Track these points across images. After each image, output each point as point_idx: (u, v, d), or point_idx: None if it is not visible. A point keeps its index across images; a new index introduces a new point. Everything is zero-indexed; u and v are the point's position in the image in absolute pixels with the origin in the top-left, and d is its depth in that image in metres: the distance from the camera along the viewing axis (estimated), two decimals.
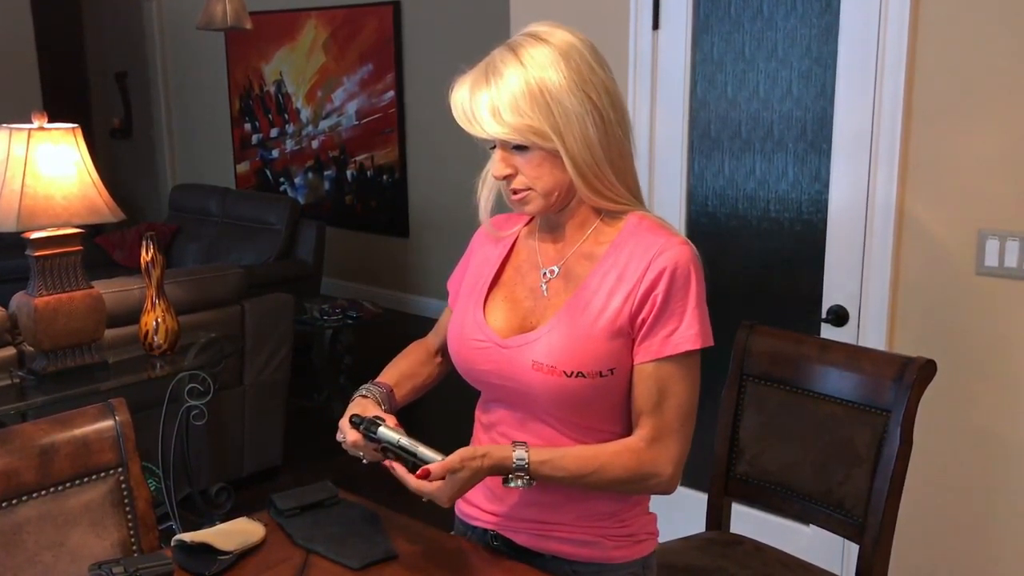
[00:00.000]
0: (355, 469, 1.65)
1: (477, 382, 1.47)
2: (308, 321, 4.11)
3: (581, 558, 1.44)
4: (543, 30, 1.33)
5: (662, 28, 2.70)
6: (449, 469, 1.28)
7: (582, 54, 1.31)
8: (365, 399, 1.48)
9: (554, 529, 1.44)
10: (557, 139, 1.29)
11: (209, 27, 4.38)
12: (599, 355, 1.33)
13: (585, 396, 1.34)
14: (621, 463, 1.35)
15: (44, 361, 2.69)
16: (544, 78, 1.28)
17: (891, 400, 1.83)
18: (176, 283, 3.28)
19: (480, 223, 1.54)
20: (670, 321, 1.32)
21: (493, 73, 1.30)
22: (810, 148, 2.50)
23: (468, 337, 1.43)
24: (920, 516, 2.37)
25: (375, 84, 6.40)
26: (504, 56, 1.31)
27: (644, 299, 1.32)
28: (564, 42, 1.31)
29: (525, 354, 1.35)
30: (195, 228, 5.75)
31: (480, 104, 1.30)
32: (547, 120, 1.28)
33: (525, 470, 1.31)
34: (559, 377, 1.32)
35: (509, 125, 1.28)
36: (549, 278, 1.41)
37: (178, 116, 8.08)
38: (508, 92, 1.28)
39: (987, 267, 2.23)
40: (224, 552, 1.47)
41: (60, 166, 2.58)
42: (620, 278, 1.34)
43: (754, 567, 1.99)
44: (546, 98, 1.28)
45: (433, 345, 1.64)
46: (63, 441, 1.57)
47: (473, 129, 1.31)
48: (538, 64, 1.29)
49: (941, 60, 2.23)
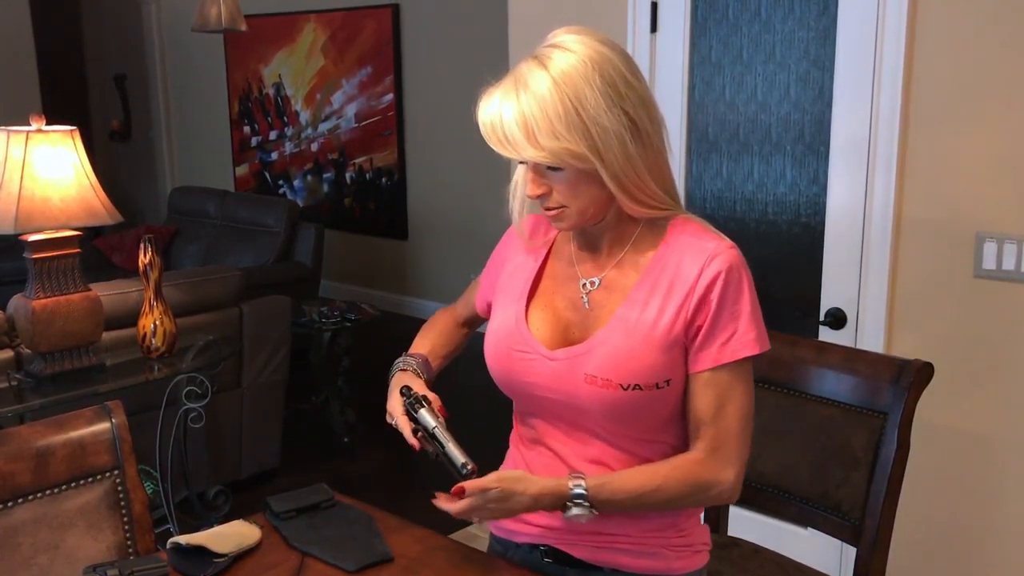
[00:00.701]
0: (352, 472, 1.65)
1: (518, 393, 1.42)
2: (306, 323, 4.10)
3: (641, 570, 1.40)
4: (571, 39, 1.26)
5: (660, 31, 2.71)
6: (483, 488, 1.27)
7: (616, 66, 1.25)
8: (405, 372, 1.49)
9: (614, 541, 1.40)
10: (596, 160, 1.23)
11: (204, 29, 4.38)
12: (656, 367, 1.30)
13: (640, 408, 1.31)
14: (682, 477, 1.33)
15: (42, 363, 2.69)
16: (580, 96, 1.21)
17: (889, 403, 1.83)
18: (174, 285, 3.28)
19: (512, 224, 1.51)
20: (727, 327, 1.30)
21: (525, 91, 1.22)
22: (808, 151, 2.50)
23: (511, 348, 1.38)
24: (918, 519, 2.37)
25: (374, 87, 6.41)
26: (534, 71, 1.23)
27: (699, 306, 1.30)
28: (597, 53, 1.24)
29: (577, 367, 1.32)
30: (194, 230, 5.75)
31: (513, 126, 1.22)
32: (585, 141, 1.22)
33: (584, 498, 1.28)
34: (615, 391, 1.29)
35: (547, 149, 1.21)
36: (589, 290, 1.38)
37: (177, 118, 8.08)
38: (543, 113, 1.21)
39: (985, 269, 2.23)
40: (220, 555, 1.47)
41: (58, 168, 2.58)
42: (671, 286, 1.31)
43: (751, 570, 1.98)
44: (583, 118, 1.21)
45: (460, 315, 1.66)
46: (59, 443, 1.57)
47: (507, 152, 1.24)
48: (571, 80, 1.21)
49: (939, 63, 2.24)
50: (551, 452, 1.42)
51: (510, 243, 1.53)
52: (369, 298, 6.05)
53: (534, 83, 1.23)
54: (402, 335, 5.92)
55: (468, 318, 1.65)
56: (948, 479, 2.37)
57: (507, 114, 1.23)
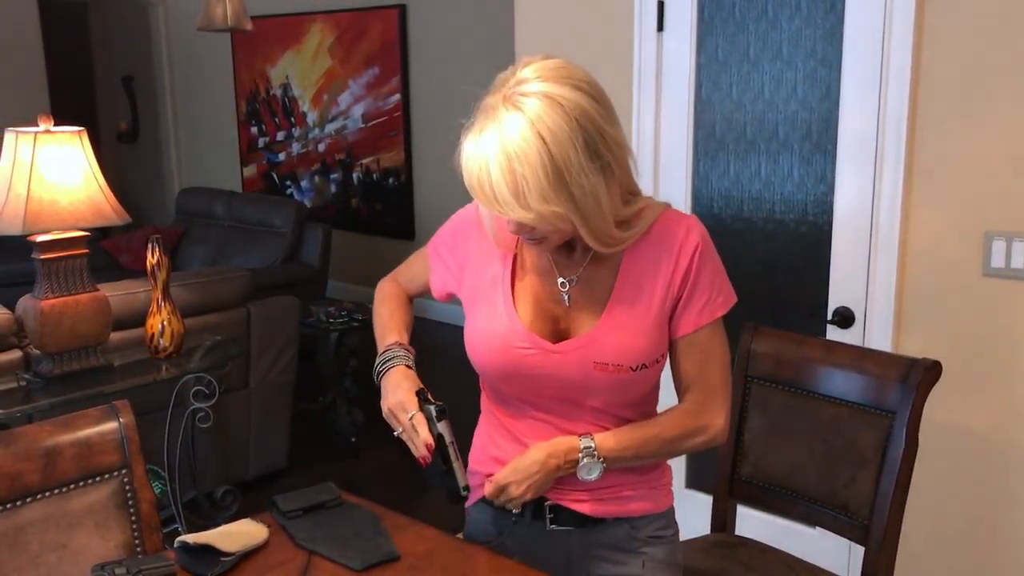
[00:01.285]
0: (358, 472, 1.66)
1: (518, 385, 1.46)
2: (313, 324, 4.10)
3: (640, 512, 1.52)
4: (551, 88, 1.25)
5: (666, 30, 2.70)
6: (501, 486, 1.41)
7: (594, 118, 1.26)
8: (404, 368, 1.49)
9: (618, 491, 1.49)
10: (577, 220, 1.28)
11: (209, 28, 4.39)
12: (657, 343, 1.42)
13: (646, 381, 1.43)
14: (678, 423, 1.46)
15: (50, 364, 2.69)
16: (566, 159, 1.23)
17: (896, 402, 1.83)
18: (182, 286, 3.29)
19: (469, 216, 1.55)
20: (705, 292, 1.41)
21: (512, 148, 1.23)
22: (815, 149, 2.50)
23: (510, 345, 1.42)
24: (926, 518, 2.36)
25: (381, 87, 6.41)
26: (520, 127, 1.23)
27: (683, 281, 1.41)
28: (577, 107, 1.24)
29: (585, 357, 1.40)
30: (201, 231, 5.76)
31: (504, 188, 1.24)
32: (569, 204, 1.25)
33: (592, 450, 1.39)
34: (625, 373, 1.39)
35: (535, 212, 1.24)
36: (568, 287, 1.43)
37: (184, 120, 8.10)
38: (535, 177, 1.22)
39: (994, 268, 2.22)
40: (226, 553, 1.47)
41: (66, 169, 2.59)
42: (656, 270, 1.40)
43: (759, 569, 1.98)
44: (566, 180, 1.24)
45: (409, 291, 1.69)
46: (67, 443, 1.57)
47: (494, 210, 1.27)
48: (558, 140, 1.22)
49: (946, 61, 2.23)
50: (540, 422, 1.47)
51: (468, 234, 1.54)
52: None
53: (522, 141, 1.23)
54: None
55: (415, 293, 1.69)
56: (956, 478, 2.36)
57: (496, 174, 1.24)
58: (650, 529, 1.53)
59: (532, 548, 1.54)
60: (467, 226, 1.55)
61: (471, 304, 1.51)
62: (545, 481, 1.42)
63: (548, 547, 1.53)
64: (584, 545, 1.52)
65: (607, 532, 1.51)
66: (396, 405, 1.45)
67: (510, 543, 1.55)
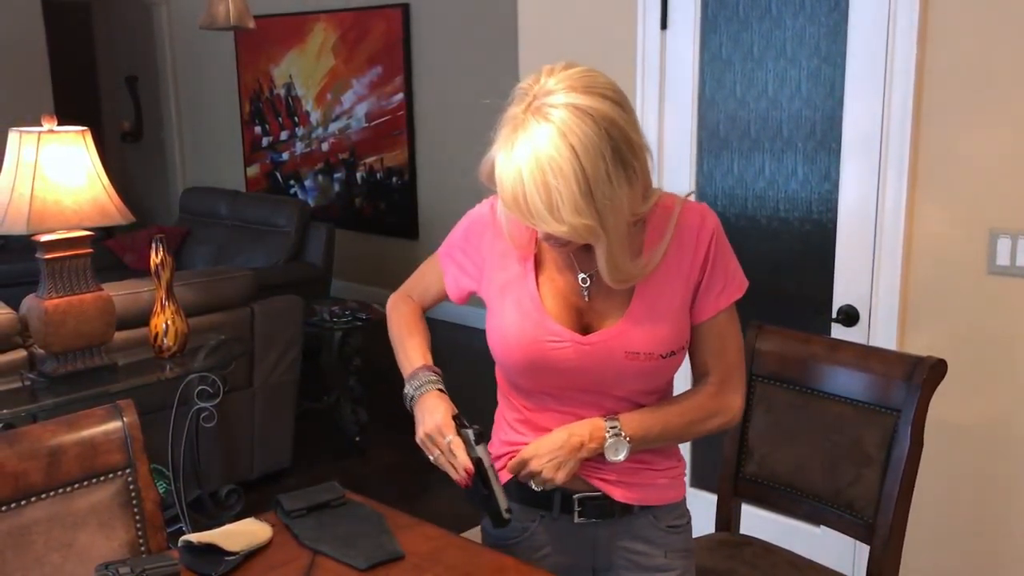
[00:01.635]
0: (363, 471, 1.66)
1: (545, 377, 1.46)
2: (317, 323, 4.10)
3: (666, 501, 1.56)
4: (581, 100, 1.25)
5: (670, 28, 2.70)
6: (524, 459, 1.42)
7: (621, 127, 1.27)
8: (439, 393, 1.48)
9: (652, 478, 1.53)
10: (603, 233, 1.29)
11: (212, 27, 4.39)
12: (683, 330, 1.46)
13: (673, 367, 1.47)
14: (700, 404, 1.50)
15: (54, 363, 2.70)
16: (595, 168, 1.24)
17: (901, 400, 1.82)
18: (186, 285, 3.29)
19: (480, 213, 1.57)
20: (721, 277, 1.46)
21: (545, 160, 1.23)
22: (819, 147, 2.49)
23: (539, 339, 1.43)
24: (931, 517, 2.35)
25: (384, 86, 6.41)
26: (552, 139, 1.23)
27: (703, 267, 1.44)
28: (605, 118, 1.25)
29: (615, 348, 1.42)
30: (205, 231, 5.77)
31: (537, 201, 1.24)
32: (599, 218, 1.27)
33: (618, 429, 1.42)
34: (656, 361, 1.43)
35: (569, 224, 1.25)
36: (589, 283, 1.45)
37: (188, 119, 8.11)
38: (567, 188, 1.23)
39: (999, 266, 2.21)
40: (231, 553, 1.47)
41: (70, 169, 2.59)
42: (677, 259, 1.43)
43: (764, 568, 1.98)
44: (597, 194, 1.25)
45: (423, 304, 1.68)
46: (71, 442, 1.57)
47: (528, 222, 1.29)
48: (588, 151, 1.23)
49: (951, 58, 2.22)
50: (561, 413, 1.48)
51: (482, 233, 1.54)
52: (380, 297, 6.01)
53: (555, 154, 1.23)
54: None
55: (428, 305, 1.68)
56: (961, 477, 2.35)
57: (530, 186, 1.24)
58: (670, 518, 1.57)
59: (558, 542, 1.55)
60: (480, 226, 1.55)
61: (494, 301, 1.50)
62: (568, 460, 1.41)
63: (574, 541, 1.54)
64: (610, 536, 1.54)
65: (633, 522, 1.54)
66: (433, 430, 1.43)
67: (536, 539, 1.55)
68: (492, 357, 1.52)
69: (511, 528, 1.53)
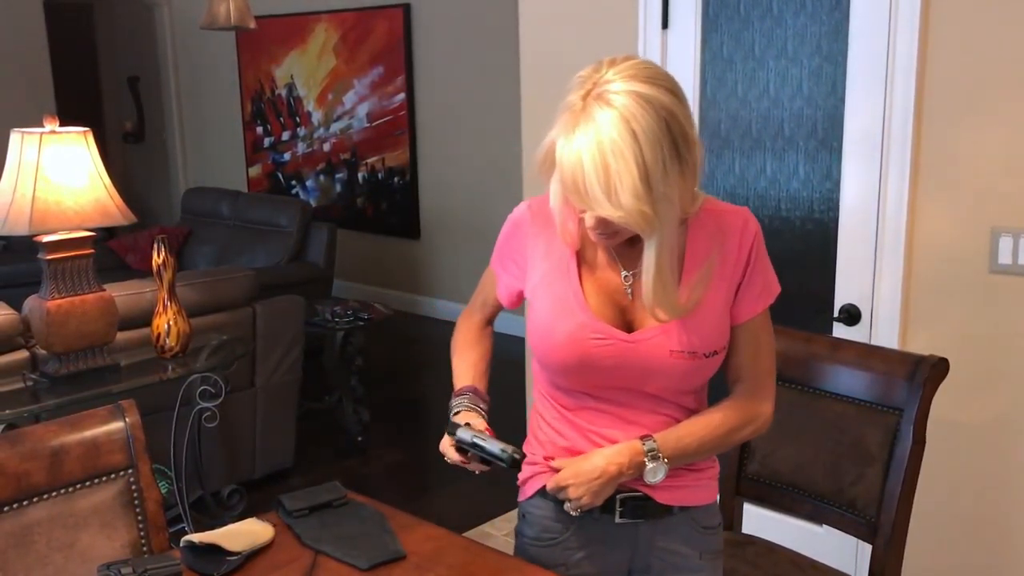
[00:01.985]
0: (365, 471, 1.66)
1: (588, 374, 1.46)
2: (319, 323, 4.10)
3: (700, 502, 1.56)
4: (643, 89, 1.25)
5: (671, 27, 2.70)
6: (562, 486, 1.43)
7: (679, 121, 1.28)
8: (459, 415, 1.51)
9: (691, 480, 1.53)
10: (657, 223, 1.28)
11: (213, 27, 4.40)
12: (725, 329, 1.46)
13: (712, 369, 1.47)
14: (736, 415, 1.49)
15: (56, 364, 2.70)
16: (654, 157, 1.24)
17: (903, 399, 1.82)
18: (188, 286, 3.29)
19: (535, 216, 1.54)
20: (759, 280, 1.47)
21: (607, 143, 1.23)
22: (821, 146, 2.49)
23: (584, 337, 1.43)
24: (933, 516, 2.35)
25: (386, 86, 6.41)
26: (615, 123, 1.24)
27: (745, 268, 1.45)
28: (665, 109, 1.26)
29: (660, 346, 1.42)
30: (207, 231, 5.77)
31: (594, 181, 1.25)
32: (654, 206, 1.26)
33: (656, 451, 1.42)
34: (699, 360, 1.43)
35: (625, 209, 1.25)
36: (631, 280, 1.44)
37: (190, 120, 8.12)
38: (627, 172, 1.23)
39: (1000, 265, 2.21)
40: (233, 553, 1.47)
41: (72, 169, 2.60)
42: (721, 259, 1.44)
43: (766, 568, 1.97)
44: (654, 182, 1.25)
45: (483, 318, 1.69)
46: (73, 443, 1.58)
47: (585, 205, 1.29)
48: (649, 139, 1.24)
49: (953, 56, 2.22)
50: (599, 412, 1.49)
51: (522, 234, 1.54)
52: (382, 297, 6.06)
53: (617, 138, 1.23)
54: (415, 335, 5.94)
55: (490, 317, 1.70)
56: (964, 476, 2.35)
57: (589, 168, 1.24)
58: (705, 519, 1.58)
59: (597, 542, 1.55)
60: (518, 227, 1.55)
61: (537, 299, 1.50)
62: (605, 487, 1.43)
63: (614, 541, 1.55)
64: (649, 537, 1.55)
65: (672, 523, 1.55)
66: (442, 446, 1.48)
67: (574, 539, 1.55)
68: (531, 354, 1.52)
69: (546, 528, 1.55)
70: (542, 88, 3.08)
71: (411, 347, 5.79)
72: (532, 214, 1.53)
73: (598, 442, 1.48)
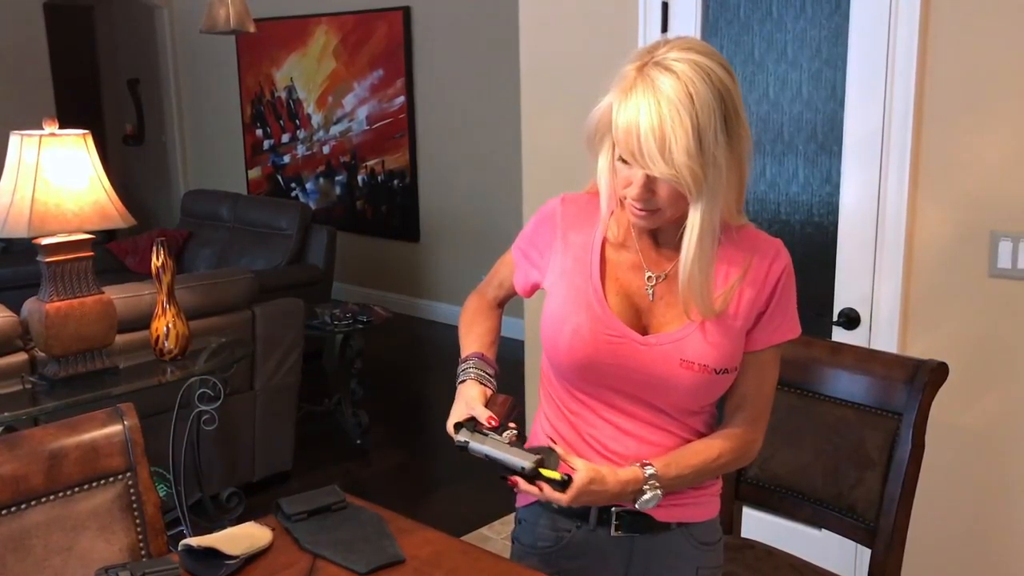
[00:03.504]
0: (364, 474, 1.65)
1: (597, 374, 1.44)
2: (319, 326, 4.10)
3: (698, 518, 1.55)
4: (701, 59, 1.28)
5: (671, 31, 2.70)
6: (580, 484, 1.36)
7: (733, 98, 1.30)
8: (464, 384, 1.49)
9: (683, 498, 1.52)
10: (705, 188, 1.29)
11: (212, 31, 4.40)
12: (738, 351, 1.44)
13: (722, 387, 1.45)
14: (734, 447, 1.48)
15: (55, 367, 2.70)
16: (707, 122, 1.27)
17: (903, 403, 1.82)
18: (187, 288, 3.29)
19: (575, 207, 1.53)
20: (781, 314, 1.46)
21: (664, 102, 1.26)
22: (820, 150, 2.49)
23: (600, 333, 1.42)
24: (933, 520, 2.35)
25: (385, 89, 6.42)
26: (673, 85, 1.26)
27: (770, 296, 1.44)
28: (721, 82, 1.29)
29: (671, 352, 1.41)
30: (207, 233, 5.77)
31: (650, 137, 1.26)
32: (703, 169, 1.28)
33: (655, 477, 1.39)
34: (708, 375, 1.41)
35: (677, 167, 1.26)
36: (655, 283, 1.44)
37: (190, 122, 8.12)
38: (682, 130, 1.25)
39: (1000, 269, 2.21)
40: (231, 556, 1.47)
41: (71, 172, 2.59)
42: (747, 281, 1.43)
43: (765, 572, 1.97)
44: (705, 145, 1.27)
45: (495, 298, 1.68)
46: (72, 446, 1.57)
47: (638, 162, 1.29)
48: (704, 104, 1.26)
49: (952, 60, 2.22)
50: (599, 417, 1.47)
51: (552, 227, 1.52)
52: (381, 300, 6.05)
53: (674, 97, 1.26)
54: (414, 337, 5.93)
55: (502, 300, 1.68)
56: (963, 480, 2.35)
57: (645, 125, 1.26)
58: (704, 535, 1.56)
59: (591, 555, 1.53)
60: (548, 220, 1.53)
61: (555, 291, 1.49)
62: (599, 502, 1.42)
63: (609, 553, 1.53)
64: (645, 552, 1.53)
65: (669, 538, 1.53)
66: (448, 427, 1.45)
67: (569, 550, 1.54)
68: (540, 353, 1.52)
69: (542, 537, 1.55)
70: (542, 91, 3.08)
71: (411, 350, 5.79)
72: (564, 208, 1.52)
73: (597, 448, 1.47)
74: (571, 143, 3.04)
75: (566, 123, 3.02)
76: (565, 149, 3.04)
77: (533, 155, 3.17)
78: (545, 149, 3.12)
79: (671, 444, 1.47)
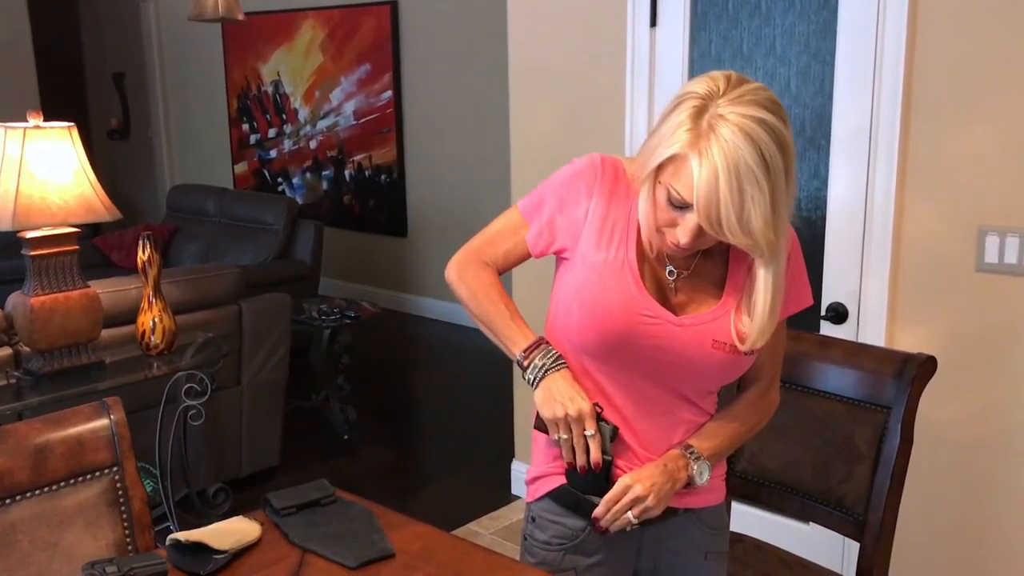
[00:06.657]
0: (352, 469, 1.65)
1: (627, 352, 1.43)
2: (306, 321, 4.09)
3: (707, 503, 1.58)
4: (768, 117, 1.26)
5: (660, 25, 2.70)
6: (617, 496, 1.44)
7: (792, 155, 1.30)
8: (566, 370, 1.45)
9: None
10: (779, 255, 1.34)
11: (200, 18, 4.36)
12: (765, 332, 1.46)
13: (744, 367, 1.49)
14: (759, 410, 1.57)
15: (40, 361, 2.68)
16: (779, 184, 1.27)
17: (891, 397, 1.82)
18: (173, 283, 3.27)
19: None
20: (793, 286, 1.48)
21: (743, 169, 1.24)
22: (809, 145, 2.49)
23: (635, 311, 1.41)
24: (921, 513, 2.36)
25: (373, 84, 6.39)
26: (749, 150, 1.24)
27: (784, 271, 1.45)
28: (786, 142, 1.28)
29: (705, 333, 1.43)
30: (193, 228, 5.74)
31: (730, 207, 1.25)
32: (778, 233, 1.30)
33: (697, 454, 1.47)
34: (738, 355, 1.44)
35: (754, 238, 1.28)
36: (675, 277, 1.46)
37: (176, 117, 8.07)
38: (761, 198, 1.26)
39: (987, 263, 2.22)
40: (219, 551, 1.46)
41: (56, 165, 2.57)
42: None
43: (754, 566, 1.98)
44: (779, 209, 1.29)
45: (502, 267, 1.54)
46: (57, 440, 1.56)
47: (714, 231, 1.28)
48: (776, 167, 1.26)
49: (940, 55, 2.23)
50: (613, 407, 1.47)
51: (588, 185, 1.45)
52: (369, 296, 6.04)
53: (752, 163, 1.25)
54: (402, 333, 5.91)
55: (508, 269, 1.55)
56: (951, 474, 2.36)
57: (724, 193, 1.25)
58: (712, 520, 1.60)
59: (604, 550, 1.54)
60: (582, 179, 1.46)
61: (587, 265, 1.44)
62: (666, 490, 1.45)
63: (621, 543, 1.54)
64: (656, 539, 1.56)
65: (679, 524, 1.56)
66: (575, 417, 1.41)
67: (586, 546, 1.53)
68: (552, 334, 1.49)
69: (558, 533, 1.55)
70: (530, 86, 3.08)
71: (398, 345, 5.77)
72: (603, 171, 1.45)
73: None
74: (559, 137, 3.04)
75: (554, 117, 3.02)
76: (553, 143, 3.04)
77: (521, 150, 3.16)
78: (533, 144, 3.12)
79: (683, 429, 1.50)
